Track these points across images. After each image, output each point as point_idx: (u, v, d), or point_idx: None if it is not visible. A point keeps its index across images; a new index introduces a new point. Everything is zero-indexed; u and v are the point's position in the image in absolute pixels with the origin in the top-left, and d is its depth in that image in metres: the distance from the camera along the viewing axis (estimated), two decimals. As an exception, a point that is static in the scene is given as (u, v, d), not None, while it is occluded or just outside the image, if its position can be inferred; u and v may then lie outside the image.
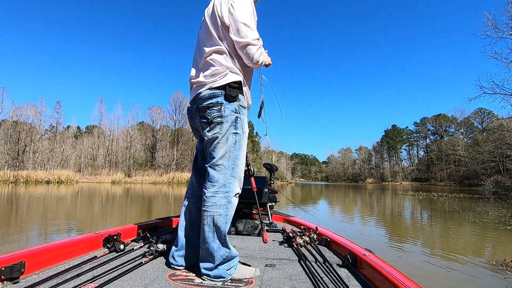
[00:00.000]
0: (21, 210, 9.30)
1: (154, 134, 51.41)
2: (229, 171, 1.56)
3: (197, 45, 1.78)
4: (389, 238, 6.15)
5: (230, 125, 1.57)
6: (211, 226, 1.50)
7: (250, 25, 1.56)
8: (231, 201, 1.54)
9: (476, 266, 3.99)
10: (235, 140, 1.58)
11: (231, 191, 1.55)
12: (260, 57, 1.57)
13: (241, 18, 1.55)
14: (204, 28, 1.70)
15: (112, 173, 40.06)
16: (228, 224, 1.54)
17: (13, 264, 1.33)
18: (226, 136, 1.56)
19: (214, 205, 1.51)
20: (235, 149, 1.57)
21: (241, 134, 1.60)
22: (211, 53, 1.63)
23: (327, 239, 2.25)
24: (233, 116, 1.57)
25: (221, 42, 1.62)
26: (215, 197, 1.52)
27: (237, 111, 1.59)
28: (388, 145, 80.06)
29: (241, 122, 1.60)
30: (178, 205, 11.96)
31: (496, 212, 9.96)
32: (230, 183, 1.55)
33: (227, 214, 1.52)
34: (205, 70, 1.64)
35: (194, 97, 1.66)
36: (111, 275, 1.44)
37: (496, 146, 27.76)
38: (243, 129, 1.61)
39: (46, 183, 29.76)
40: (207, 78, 1.61)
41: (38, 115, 43.03)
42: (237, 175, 1.58)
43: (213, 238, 1.50)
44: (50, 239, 5.22)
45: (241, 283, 1.47)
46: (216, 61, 1.61)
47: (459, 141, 57.33)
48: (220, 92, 1.57)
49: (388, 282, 1.28)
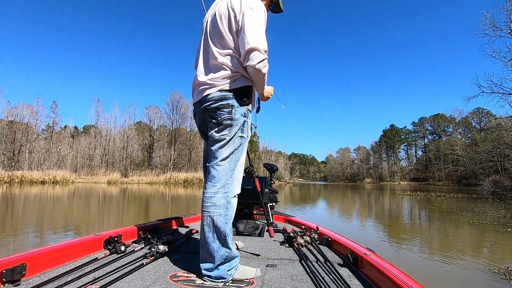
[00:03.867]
0: (15, 212, 9.26)
1: (151, 134, 51.32)
2: (230, 172, 1.57)
3: (203, 46, 1.74)
4: (387, 239, 6.16)
5: (239, 128, 1.59)
6: (210, 226, 1.51)
7: (262, 34, 1.55)
8: (230, 202, 1.55)
9: (477, 274, 3.78)
10: (240, 143, 1.60)
11: (230, 192, 1.56)
12: (264, 68, 1.54)
13: (256, 24, 1.54)
14: (214, 30, 1.66)
15: (108, 173, 39.88)
16: (228, 225, 1.54)
17: (14, 266, 1.33)
18: (233, 138, 1.58)
19: (213, 205, 1.52)
20: (238, 151, 1.60)
21: (245, 138, 1.63)
22: (222, 56, 1.62)
23: (328, 238, 2.26)
24: (242, 120, 1.59)
25: (233, 46, 1.61)
26: (214, 198, 1.53)
27: (245, 115, 1.61)
28: (387, 145, 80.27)
29: (247, 126, 1.63)
30: (176, 206, 11.95)
31: (495, 213, 9.92)
32: (229, 184, 1.56)
33: (226, 214, 1.52)
34: (216, 72, 1.62)
35: (201, 99, 1.66)
36: (112, 277, 1.44)
37: (494, 145, 27.86)
38: (248, 133, 1.64)
39: (41, 183, 29.57)
40: (218, 80, 1.60)
41: (34, 114, 42.90)
42: (236, 176, 1.60)
43: (213, 238, 1.50)
44: (45, 244, 5.19)
45: (242, 283, 1.47)
46: (227, 65, 1.60)
47: (457, 140, 57.53)
48: (231, 95, 1.58)
49: (389, 281, 1.28)
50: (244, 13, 1.55)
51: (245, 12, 1.55)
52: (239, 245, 2.18)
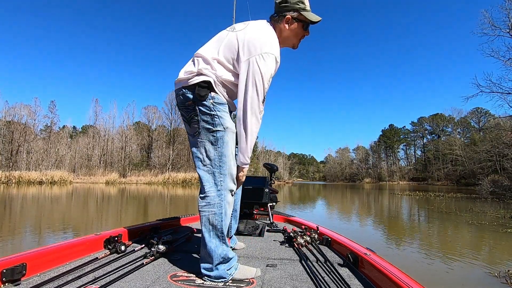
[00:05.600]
0: (13, 213, 9.23)
1: (150, 134, 51.24)
2: (217, 169, 1.52)
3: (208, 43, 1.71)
4: (387, 239, 6.17)
5: (209, 123, 1.53)
6: (207, 226, 1.50)
7: (266, 88, 1.54)
8: (224, 199, 1.52)
9: (476, 276, 3.73)
10: (217, 137, 1.54)
11: (223, 189, 1.52)
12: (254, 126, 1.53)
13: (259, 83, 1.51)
14: (220, 40, 1.64)
15: (107, 174, 39.77)
16: (224, 223, 1.52)
17: (14, 266, 1.33)
18: (206, 135, 1.54)
19: (207, 205, 1.50)
20: (218, 146, 1.53)
21: (222, 131, 1.55)
22: (201, 56, 1.60)
23: (328, 238, 2.26)
24: (208, 115, 1.53)
25: (220, 63, 1.58)
26: (208, 197, 1.51)
27: (212, 109, 1.54)
28: (386, 144, 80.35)
29: (219, 119, 1.54)
30: (174, 206, 11.96)
31: (494, 213, 9.88)
32: (221, 181, 1.52)
33: (221, 212, 1.50)
34: (186, 68, 1.63)
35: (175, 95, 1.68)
36: (113, 277, 1.44)
37: (493, 145, 27.90)
38: (224, 125, 1.55)
39: (39, 183, 29.52)
40: (184, 75, 1.59)
41: (32, 114, 42.76)
42: (227, 171, 1.54)
43: (209, 238, 1.50)
44: (43, 245, 5.18)
45: (242, 283, 1.47)
46: (198, 63, 1.59)
47: (456, 140, 57.65)
48: (190, 92, 1.55)
49: (389, 281, 1.28)
50: (256, 61, 1.51)
51: (257, 59, 1.51)
52: (240, 246, 2.18)
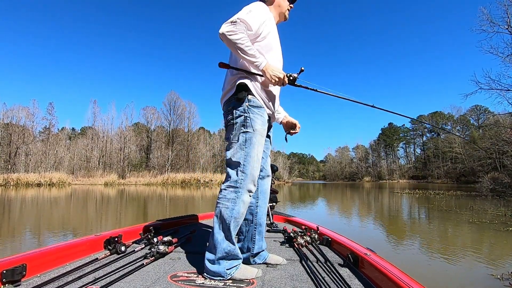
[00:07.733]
0: (12, 215, 9.22)
1: (149, 135, 51.16)
2: (241, 167, 1.61)
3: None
4: (387, 238, 6.17)
5: (240, 125, 1.64)
6: (218, 217, 1.58)
7: (243, 12, 1.67)
8: (240, 197, 1.59)
9: (477, 277, 3.66)
10: (245, 138, 1.63)
11: (242, 187, 1.60)
12: (230, 36, 1.55)
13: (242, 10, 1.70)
14: None
15: (106, 175, 39.71)
16: (235, 219, 1.57)
17: (14, 267, 1.33)
18: (237, 135, 1.65)
19: (223, 197, 1.59)
20: (246, 146, 1.63)
21: (251, 132, 1.64)
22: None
23: (328, 238, 2.26)
24: (242, 117, 1.65)
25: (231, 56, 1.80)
26: (226, 191, 1.60)
27: (245, 111, 1.65)
28: (385, 143, 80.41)
29: (250, 121, 1.64)
30: (174, 206, 11.93)
31: (495, 211, 9.81)
32: (241, 179, 1.60)
33: (233, 209, 1.56)
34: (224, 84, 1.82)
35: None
36: (113, 277, 1.45)
37: (493, 142, 27.87)
38: (254, 127, 1.65)
39: (37, 185, 29.43)
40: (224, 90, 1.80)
41: (30, 116, 42.68)
42: (249, 172, 1.61)
43: (218, 229, 1.56)
44: (42, 246, 5.17)
45: (242, 283, 1.48)
46: (227, 74, 1.80)
47: (456, 138, 57.68)
48: (232, 98, 1.70)
49: (390, 281, 1.29)
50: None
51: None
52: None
